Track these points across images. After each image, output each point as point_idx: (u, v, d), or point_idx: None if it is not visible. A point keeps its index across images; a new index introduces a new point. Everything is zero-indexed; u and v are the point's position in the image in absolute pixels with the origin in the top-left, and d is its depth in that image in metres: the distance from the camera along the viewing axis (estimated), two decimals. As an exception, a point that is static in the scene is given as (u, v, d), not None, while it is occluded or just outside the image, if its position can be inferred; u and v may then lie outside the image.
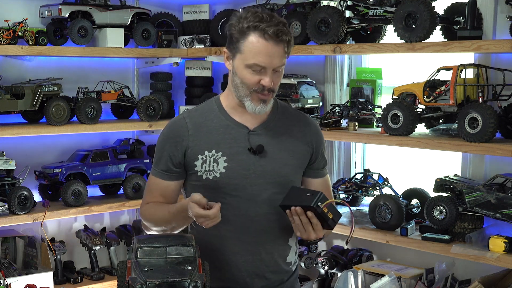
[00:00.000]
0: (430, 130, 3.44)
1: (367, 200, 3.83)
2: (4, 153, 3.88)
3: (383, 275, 3.40)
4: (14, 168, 3.90)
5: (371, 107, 3.82)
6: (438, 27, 3.39)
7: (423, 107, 3.43)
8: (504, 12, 3.26)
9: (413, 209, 3.62)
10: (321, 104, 4.09)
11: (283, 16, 3.92)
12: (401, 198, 3.59)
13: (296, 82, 3.93)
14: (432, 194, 3.42)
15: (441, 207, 3.28)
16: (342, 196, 3.86)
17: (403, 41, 3.36)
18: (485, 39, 3.27)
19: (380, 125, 3.59)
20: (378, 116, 3.74)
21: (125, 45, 4.37)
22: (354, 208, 3.86)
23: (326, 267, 3.74)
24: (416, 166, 3.94)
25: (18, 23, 3.89)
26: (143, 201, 2.58)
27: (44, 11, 4.10)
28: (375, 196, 3.61)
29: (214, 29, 4.50)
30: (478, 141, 3.10)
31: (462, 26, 3.31)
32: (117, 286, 2.25)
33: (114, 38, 4.23)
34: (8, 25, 3.87)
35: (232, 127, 2.47)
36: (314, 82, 4.06)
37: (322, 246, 4.14)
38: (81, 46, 4.10)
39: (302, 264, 3.84)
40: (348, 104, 3.85)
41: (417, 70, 3.79)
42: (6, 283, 2.81)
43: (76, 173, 4.15)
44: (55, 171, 4.05)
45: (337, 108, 3.84)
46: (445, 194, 3.33)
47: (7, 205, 3.80)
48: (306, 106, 3.96)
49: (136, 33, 4.35)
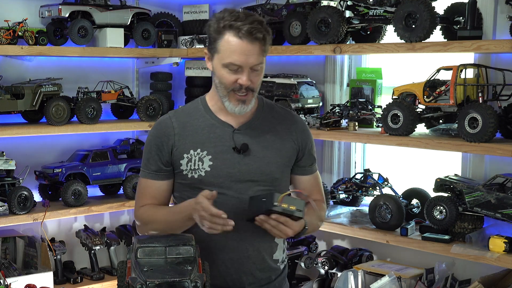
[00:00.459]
0: (430, 130, 3.44)
1: (367, 200, 3.83)
2: (4, 153, 3.88)
3: (383, 275, 3.40)
4: (14, 168, 3.90)
5: (371, 107, 3.82)
6: (438, 27, 3.39)
7: (423, 107, 3.43)
8: (504, 12, 3.26)
9: (413, 209, 3.62)
10: (321, 104, 4.09)
11: (283, 16, 3.93)
12: (401, 198, 3.59)
13: (296, 82, 3.93)
14: (432, 194, 3.42)
15: (441, 207, 3.28)
16: (342, 196, 3.87)
17: (403, 41, 3.36)
18: (485, 39, 3.27)
19: (380, 125, 3.59)
20: (378, 116, 3.74)
21: (125, 45, 4.37)
22: (354, 208, 3.87)
23: (326, 267, 3.73)
24: (416, 166, 3.94)
25: (18, 23, 3.89)
26: (137, 205, 2.57)
27: (44, 11, 4.10)
28: (375, 196, 3.61)
29: (214, 29, 4.49)
30: (478, 141, 3.10)
31: (462, 26, 3.31)
32: (117, 286, 2.25)
33: (114, 38, 4.23)
34: (8, 25, 3.87)
35: (217, 126, 2.48)
36: (314, 82, 4.06)
37: (322, 246, 4.14)
38: (81, 46, 4.10)
39: (302, 264, 3.83)
40: (348, 104, 3.85)
41: (417, 70, 3.79)
42: (6, 283, 2.80)
43: (76, 173, 4.15)
44: (55, 171, 4.05)
45: (337, 108, 3.84)
46: (445, 194, 3.33)
47: (7, 205, 3.80)
48: (306, 106, 3.96)
49: (136, 33, 4.35)
